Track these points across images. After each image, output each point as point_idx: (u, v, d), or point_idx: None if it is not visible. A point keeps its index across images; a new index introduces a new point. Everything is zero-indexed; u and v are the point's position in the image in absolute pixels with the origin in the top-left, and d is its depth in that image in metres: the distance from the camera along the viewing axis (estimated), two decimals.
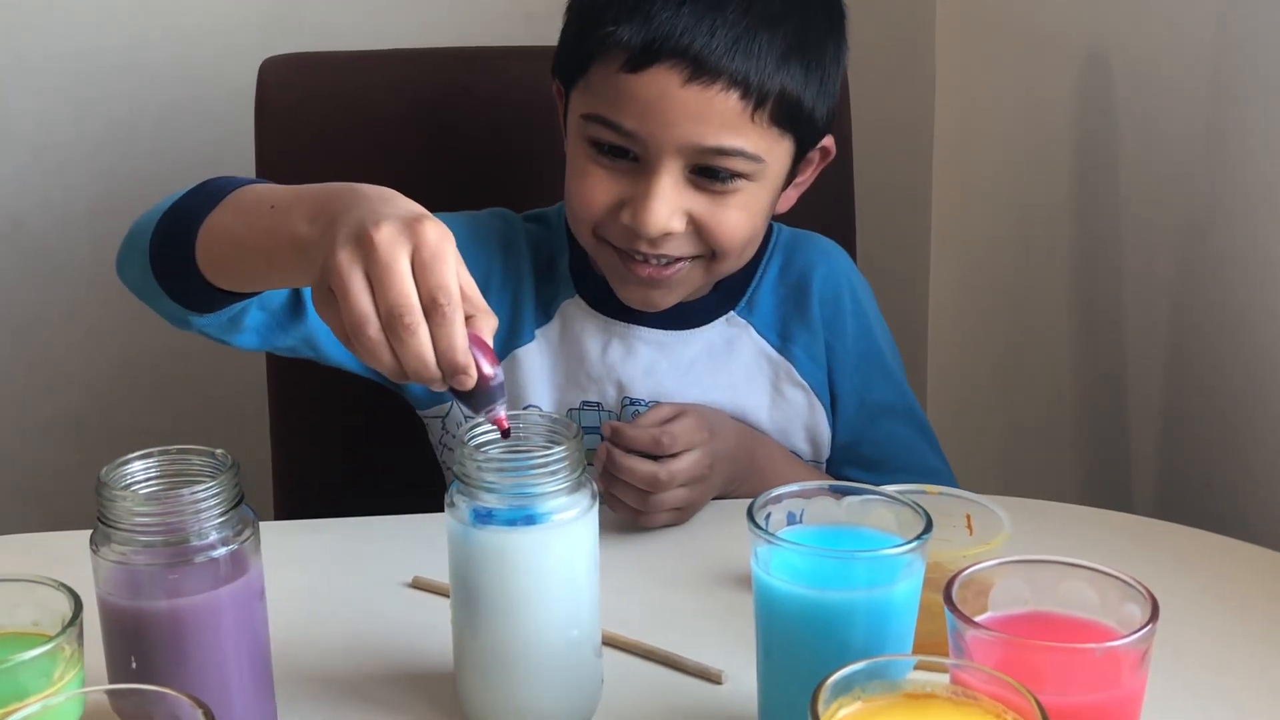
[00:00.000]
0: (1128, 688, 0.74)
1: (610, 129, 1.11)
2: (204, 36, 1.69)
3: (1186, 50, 1.29)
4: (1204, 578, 1.04)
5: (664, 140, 1.09)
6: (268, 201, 0.93)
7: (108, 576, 0.79)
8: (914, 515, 0.81)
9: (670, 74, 1.08)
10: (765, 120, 1.11)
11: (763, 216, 1.16)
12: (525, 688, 0.85)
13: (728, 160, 1.10)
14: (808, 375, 1.24)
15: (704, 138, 1.09)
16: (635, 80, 1.09)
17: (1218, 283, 1.29)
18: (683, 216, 1.12)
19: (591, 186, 1.13)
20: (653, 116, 1.09)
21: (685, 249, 1.14)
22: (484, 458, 0.82)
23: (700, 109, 1.08)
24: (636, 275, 1.15)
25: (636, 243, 1.13)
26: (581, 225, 1.16)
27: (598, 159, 1.13)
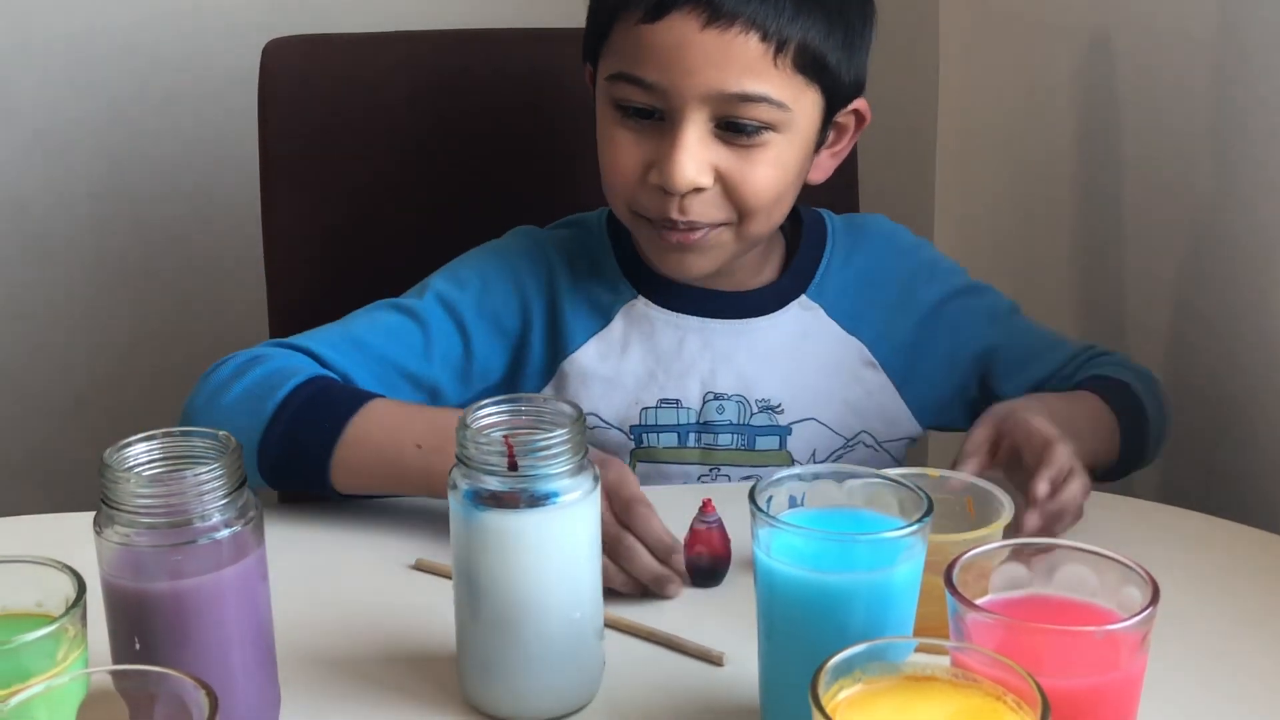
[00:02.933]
0: (1127, 671, 0.74)
1: (633, 84, 1.11)
2: (207, 18, 1.69)
3: (1190, 37, 1.29)
4: (1204, 562, 1.04)
5: (686, 89, 1.09)
6: (410, 438, 1.05)
7: (111, 558, 0.79)
8: (915, 498, 0.81)
9: (688, 19, 1.08)
10: (788, 66, 1.10)
11: (793, 174, 1.15)
12: (527, 670, 0.85)
13: (753, 108, 1.10)
14: (880, 355, 1.23)
15: (726, 83, 1.09)
16: (654, 30, 1.09)
17: (1220, 269, 1.29)
18: (710, 171, 1.11)
19: (619, 151, 1.14)
20: (673, 65, 1.09)
21: (714, 213, 1.13)
22: (486, 440, 0.82)
23: (721, 53, 1.08)
24: (667, 242, 1.15)
25: (668, 207, 1.12)
26: (617, 198, 1.16)
27: (624, 122, 1.13)
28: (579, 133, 1.40)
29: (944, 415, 1.27)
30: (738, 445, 1.22)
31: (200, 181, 1.75)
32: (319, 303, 1.28)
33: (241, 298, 1.68)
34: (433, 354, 1.19)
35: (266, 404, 1.08)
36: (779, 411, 1.21)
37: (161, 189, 1.75)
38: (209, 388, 1.12)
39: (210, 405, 1.11)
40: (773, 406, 1.21)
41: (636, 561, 0.98)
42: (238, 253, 1.71)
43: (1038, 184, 1.61)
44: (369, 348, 1.17)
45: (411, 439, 1.05)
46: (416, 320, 1.19)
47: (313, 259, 1.43)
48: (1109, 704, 0.74)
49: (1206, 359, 1.31)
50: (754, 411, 1.21)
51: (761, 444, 1.22)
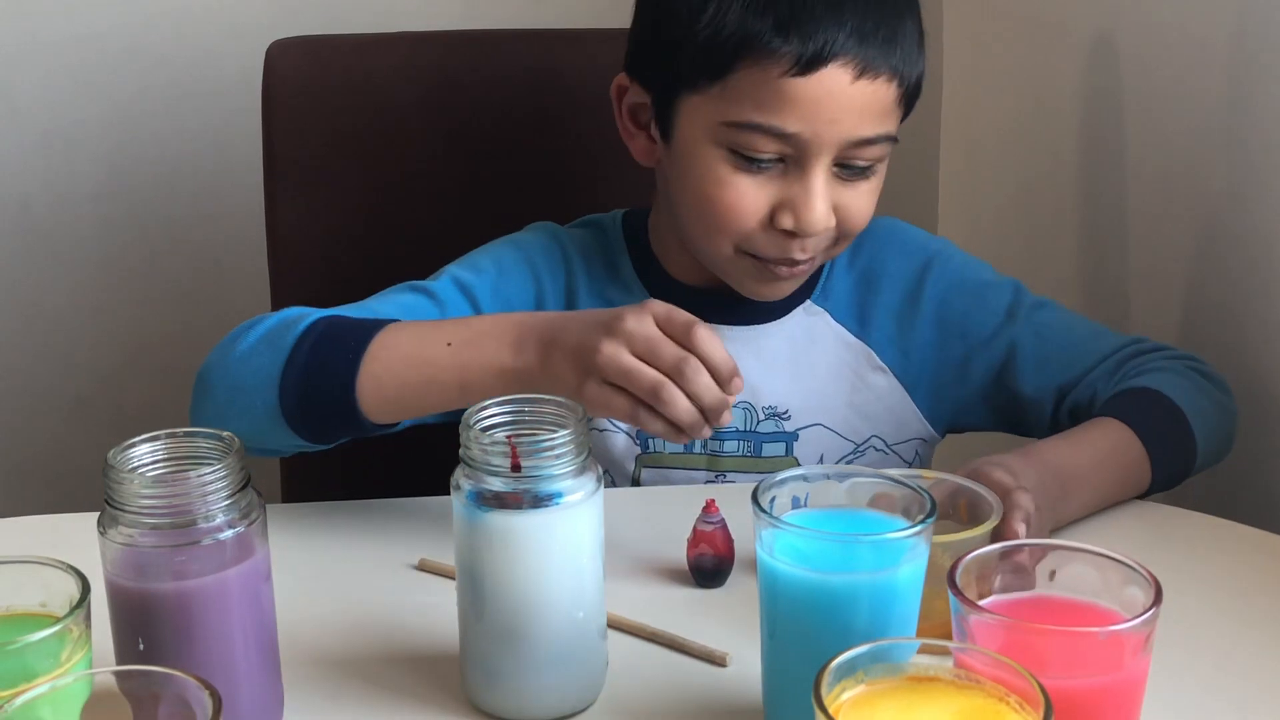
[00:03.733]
0: (1131, 671, 0.74)
1: (766, 135, 1.09)
2: (211, 19, 1.69)
3: (1194, 38, 1.29)
4: (1208, 562, 1.04)
5: (826, 138, 1.09)
6: (439, 340, 1.04)
7: (115, 558, 0.79)
8: (918, 499, 0.81)
9: (840, 73, 1.08)
10: (901, 101, 1.12)
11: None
12: (530, 670, 0.85)
13: (872, 149, 1.11)
14: (889, 360, 1.22)
15: (862, 130, 1.09)
16: (804, 84, 1.08)
17: (1224, 270, 1.29)
18: (832, 211, 1.12)
19: (739, 197, 1.12)
20: (819, 116, 1.08)
21: (826, 249, 1.15)
22: (489, 440, 0.82)
23: (866, 103, 1.09)
24: (778, 275, 1.15)
25: (791, 249, 1.12)
26: (724, 238, 1.14)
27: (744, 167, 1.11)
28: (584, 132, 1.41)
29: (966, 416, 1.25)
30: (744, 452, 1.22)
31: (204, 182, 1.75)
32: (322, 303, 1.28)
33: (245, 298, 1.68)
34: None
35: (285, 339, 1.06)
36: (785, 418, 1.20)
37: (165, 190, 1.76)
38: (219, 348, 1.10)
39: (223, 358, 1.08)
40: (779, 413, 1.21)
41: (699, 382, 0.96)
42: (241, 253, 1.72)
43: (1042, 186, 1.61)
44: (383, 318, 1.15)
45: (441, 340, 1.04)
46: (432, 299, 1.18)
47: (316, 259, 1.43)
48: (1112, 705, 0.74)
49: (1212, 360, 1.31)
50: (760, 418, 1.21)
51: (768, 451, 1.21)
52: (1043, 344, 1.20)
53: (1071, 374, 1.19)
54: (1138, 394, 1.13)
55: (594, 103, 1.33)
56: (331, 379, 1.04)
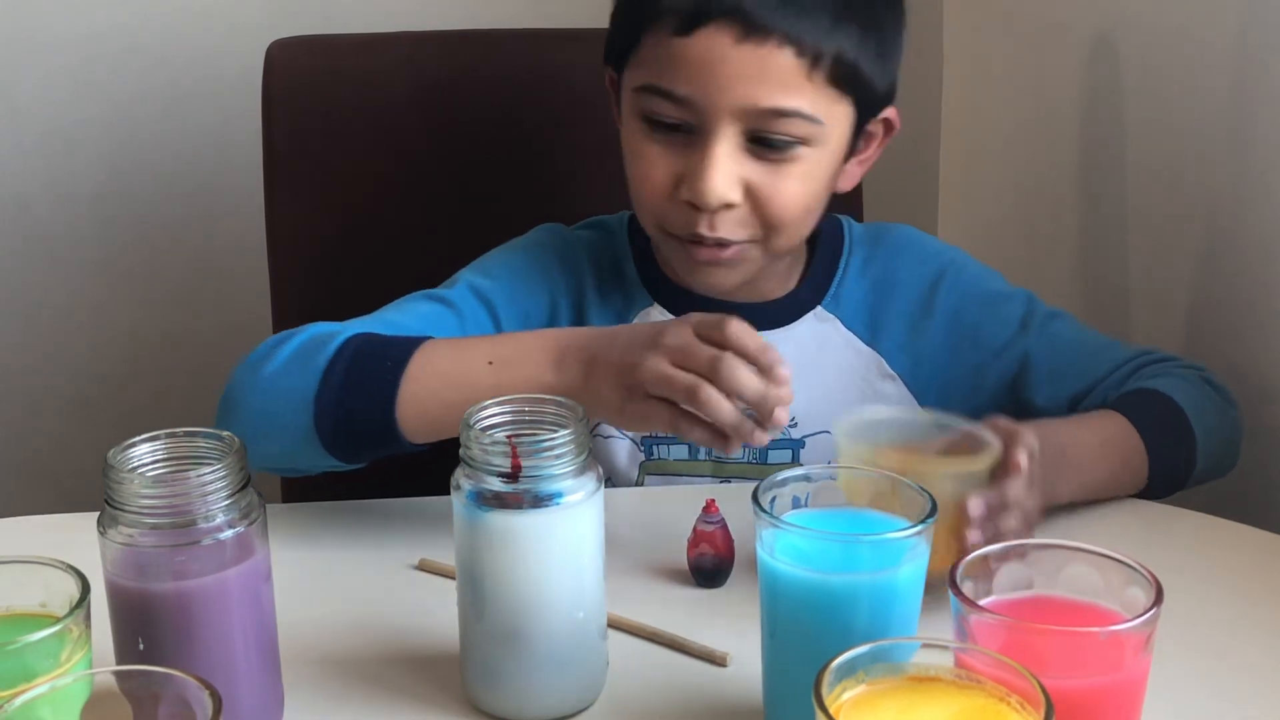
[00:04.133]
0: (1131, 671, 0.74)
1: (664, 98, 1.09)
2: (211, 19, 1.69)
3: (1195, 38, 1.29)
4: (1209, 562, 1.04)
5: (719, 104, 1.07)
6: (478, 359, 1.03)
7: (115, 558, 0.79)
8: (919, 498, 0.81)
9: (722, 33, 1.07)
10: (822, 80, 1.09)
11: (822, 187, 1.14)
12: (530, 670, 0.85)
13: (785, 124, 1.08)
14: (899, 367, 1.21)
15: (759, 98, 1.07)
16: (686, 43, 1.08)
17: (1226, 270, 1.29)
18: (739, 186, 1.10)
19: (648, 165, 1.12)
20: (706, 79, 1.07)
21: (743, 230, 1.12)
22: (489, 440, 0.82)
23: (755, 68, 1.07)
24: (697, 258, 1.13)
25: (697, 223, 1.11)
26: (646, 214, 1.15)
27: (653, 135, 1.12)
28: (583, 133, 1.40)
29: None
30: (750, 459, 1.21)
31: (204, 182, 1.75)
32: (323, 303, 1.28)
33: (245, 298, 1.68)
34: None
35: (316, 360, 1.04)
36: (792, 425, 1.19)
37: (165, 190, 1.76)
38: (246, 367, 1.07)
39: (252, 379, 1.06)
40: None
41: (736, 377, 0.95)
42: (241, 253, 1.72)
43: (1042, 187, 1.61)
44: (403, 330, 1.13)
45: (480, 359, 1.03)
46: (451, 307, 1.17)
47: (316, 259, 1.43)
48: (1113, 705, 0.74)
49: (1213, 360, 1.31)
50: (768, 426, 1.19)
51: (774, 458, 1.20)
52: (1056, 355, 1.19)
53: (1083, 384, 1.18)
54: (1142, 394, 1.13)
55: (594, 102, 1.33)
56: (370, 400, 1.03)
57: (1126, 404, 1.12)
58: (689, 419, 0.98)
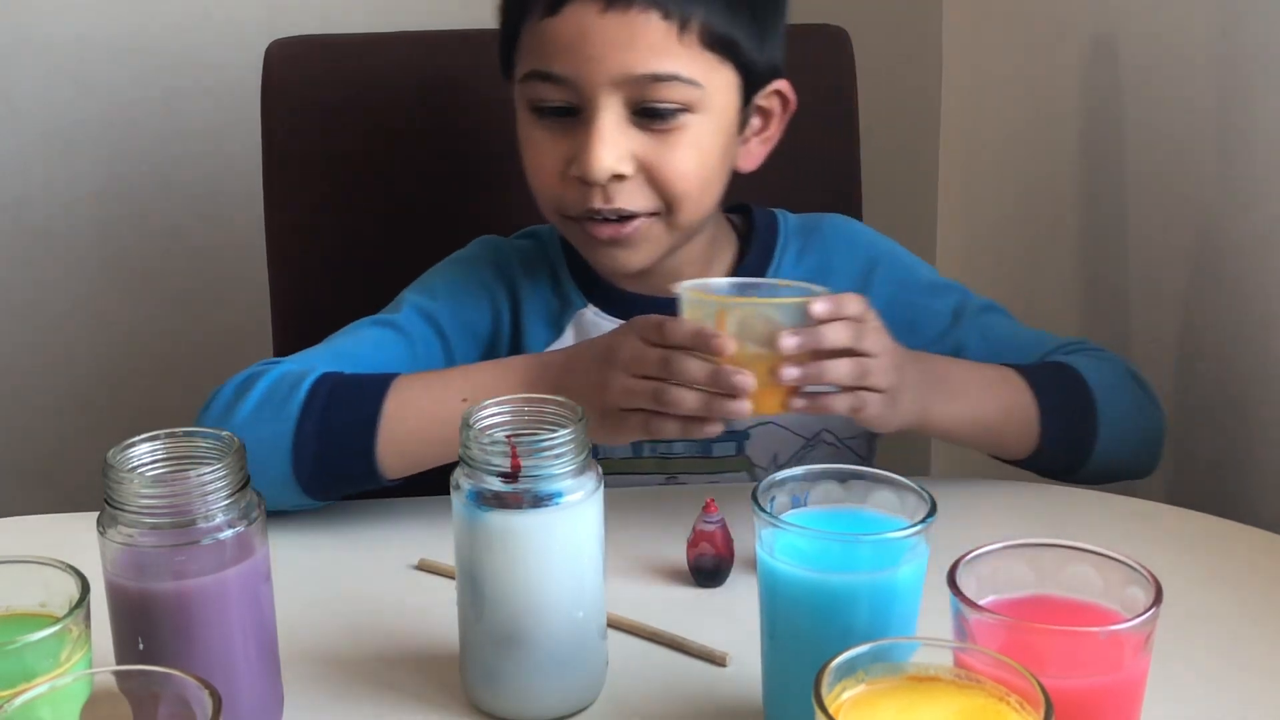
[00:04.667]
0: (1131, 671, 0.74)
1: (544, 81, 1.11)
2: (210, 19, 1.69)
3: (1194, 40, 1.29)
4: (1208, 562, 1.04)
5: (595, 77, 1.08)
6: (452, 395, 1.05)
7: (115, 558, 0.79)
8: (918, 499, 0.81)
9: (586, 6, 1.08)
10: (695, 43, 1.09)
11: (716, 158, 1.14)
12: (530, 670, 0.85)
13: (665, 89, 1.09)
14: None
15: (634, 65, 1.08)
16: (556, 22, 1.09)
17: (1225, 271, 1.29)
18: (629, 159, 1.10)
19: (538, 151, 1.13)
20: (578, 54, 1.08)
21: (639, 201, 1.12)
22: (489, 440, 0.82)
23: (624, 36, 1.08)
24: (598, 237, 1.13)
25: (591, 198, 1.11)
26: (546, 203, 1.16)
27: (541, 123, 1.13)
28: None
29: None
30: (694, 453, 1.21)
31: (203, 182, 1.76)
32: (322, 302, 1.29)
33: (244, 298, 1.68)
34: (417, 363, 1.18)
35: (288, 406, 1.06)
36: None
37: (164, 189, 1.76)
38: (214, 413, 1.08)
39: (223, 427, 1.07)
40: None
41: (687, 372, 0.98)
42: (241, 253, 1.72)
43: (1041, 187, 1.61)
44: (357, 360, 1.15)
45: (454, 395, 1.05)
46: (399, 331, 1.18)
47: (316, 259, 1.43)
48: (1112, 705, 0.74)
49: (1212, 360, 1.31)
50: None
51: (719, 450, 1.20)
52: (988, 345, 1.20)
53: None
54: (1048, 364, 1.15)
55: None
56: (349, 445, 1.05)
57: (1029, 368, 1.13)
58: (660, 418, 1.00)
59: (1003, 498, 1.14)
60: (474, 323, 1.22)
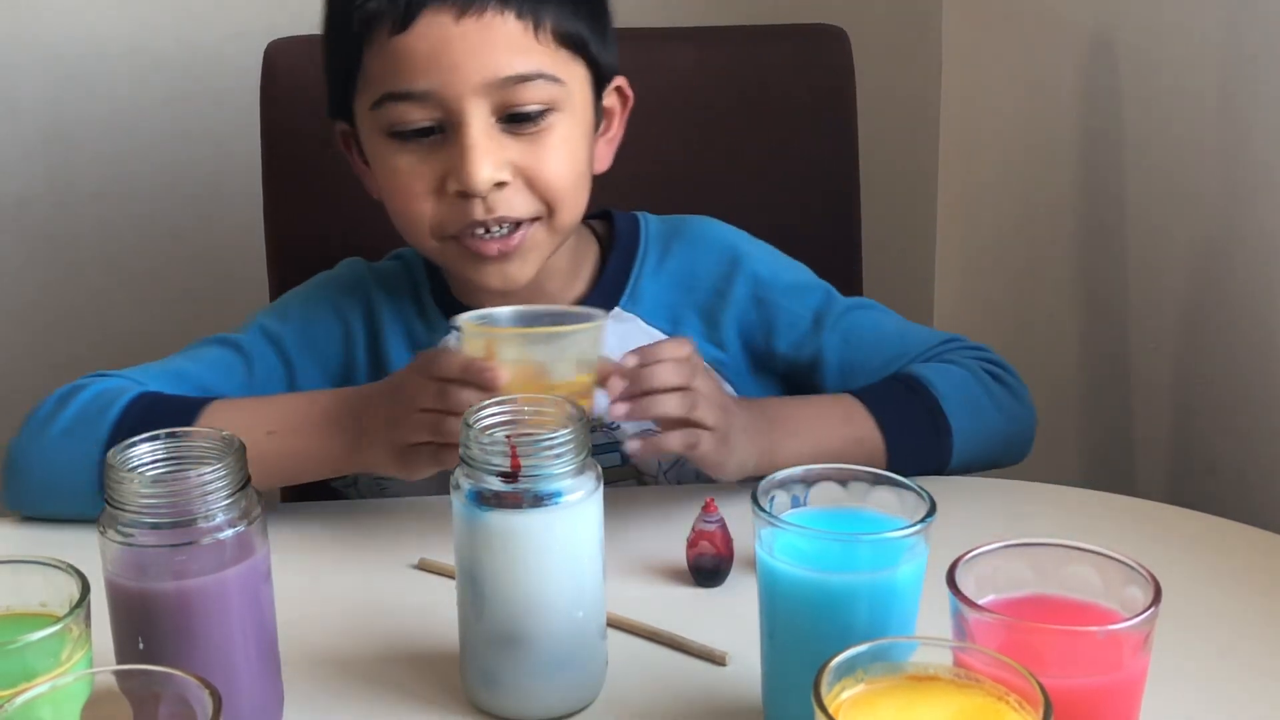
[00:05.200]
0: (1130, 670, 0.75)
1: (404, 101, 1.09)
2: (210, 19, 1.69)
3: (1194, 36, 1.29)
4: (1207, 561, 1.04)
5: (459, 86, 1.07)
6: (259, 427, 1.05)
7: (115, 558, 0.79)
8: (917, 499, 0.81)
9: (440, 16, 1.07)
10: (550, 41, 1.10)
11: (583, 157, 1.14)
12: (530, 669, 0.85)
13: (530, 90, 1.09)
14: (704, 354, 1.16)
15: (498, 68, 1.07)
16: (408, 38, 1.08)
17: (1225, 270, 1.29)
18: (506, 166, 1.09)
19: (408, 177, 1.11)
20: (439, 65, 1.07)
21: (520, 207, 1.11)
22: (489, 440, 0.82)
23: (483, 40, 1.07)
24: (486, 253, 1.12)
25: (472, 211, 1.09)
26: (417, 230, 1.13)
27: (405, 147, 1.10)
28: None
29: None
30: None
31: (203, 182, 1.76)
32: None
33: (244, 298, 1.67)
34: (255, 385, 1.17)
35: (100, 425, 1.07)
36: (615, 427, 1.17)
37: (164, 189, 1.76)
38: (32, 425, 1.09)
39: (37, 441, 1.08)
40: (608, 424, 1.16)
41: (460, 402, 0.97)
42: (240, 253, 1.72)
43: (1041, 187, 1.61)
44: (190, 378, 1.15)
45: (262, 427, 1.05)
46: (239, 352, 1.18)
47: (315, 259, 1.42)
48: (1111, 704, 0.75)
49: (1212, 360, 1.31)
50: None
51: (604, 462, 1.18)
52: (849, 350, 1.20)
53: (874, 378, 1.18)
54: (893, 378, 1.16)
55: None
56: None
57: (873, 392, 1.15)
58: (447, 449, 1.00)
59: (1002, 497, 1.14)
60: (322, 347, 1.21)
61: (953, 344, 1.20)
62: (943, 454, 1.14)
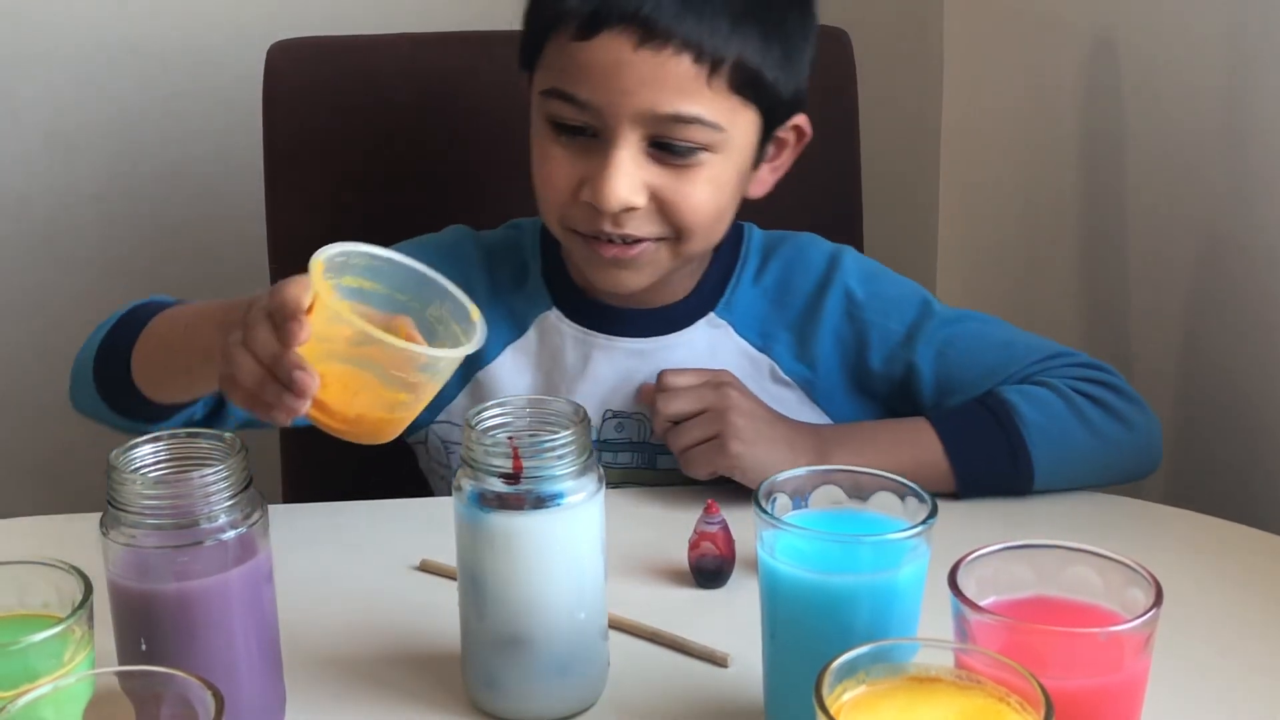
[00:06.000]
0: (1131, 672, 0.75)
1: (566, 102, 1.10)
2: (212, 20, 1.69)
3: (1196, 35, 1.29)
4: (1209, 563, 1.04)
5: (619, 109, 1.08)
6: (180, 323, 1.08)
7: (117, 559, 0.80)
8: (919, 500, 0.81)
9: (621, 39, 1.07)
10: (723, 87, 1.09)
11: (729, 193, 1.14)
12: (532, 670, 0.85)
13: (686, 130, 1.08)
14: (793, 373, 1.20)
15: (659, 104, 1.07)
16: (586, 48, 1.08)
17: (1227, 270, 1.29)
18: (643, 191, 1.10)
19: (553, 168, 1.12)
20: (606, 84, 1.08)
21: (648, 228, 1.11)
22: (491, 441, 0.82)
23: (654, 74, 1.07)
24: (602, 256, 1.13)
25: (600, 222, 1.10)
26: (550, 213, 1.15)
27: (558, 139, 1.12)
28: None
29: None
30: (638, 464, 1.20)
31: (205, 183, 1.75)
32: None
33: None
34: None
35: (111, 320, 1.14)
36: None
37: (167, 190, 1.76)
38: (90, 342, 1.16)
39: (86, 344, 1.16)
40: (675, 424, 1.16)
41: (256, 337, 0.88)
42: (242, 254, 1.72)
43: (1043, 184, 1.61)
44: None
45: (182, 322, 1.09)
46: None
47: None
48: (1112, 705, 0.75)
49: (1214, 361, 1.31)
50: (653, 430, 1.17)
51: (663, 463, 1.19)
52: (944, 364, 1.18)
53: (974, 392, 1.17)
54: (977, 407, 1.14)
55: None
56: (117, 354, 1.11)
57: (948, 416, 1.14)
58: (229, 382, 0.91)
59: (1003, 499, 1.14)
60: None
61: (1059, 359, 1.18)
62: (1020, 480, 1.12)
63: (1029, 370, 1.16)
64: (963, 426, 1.13)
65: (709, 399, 1.12)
